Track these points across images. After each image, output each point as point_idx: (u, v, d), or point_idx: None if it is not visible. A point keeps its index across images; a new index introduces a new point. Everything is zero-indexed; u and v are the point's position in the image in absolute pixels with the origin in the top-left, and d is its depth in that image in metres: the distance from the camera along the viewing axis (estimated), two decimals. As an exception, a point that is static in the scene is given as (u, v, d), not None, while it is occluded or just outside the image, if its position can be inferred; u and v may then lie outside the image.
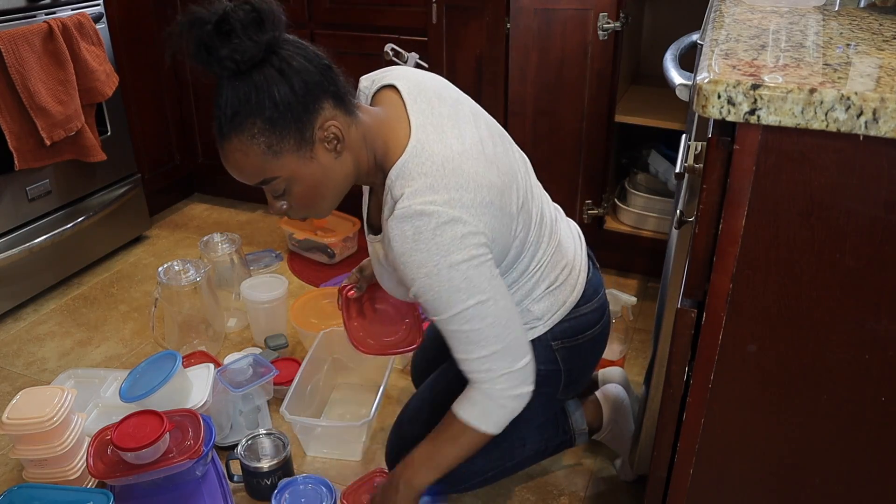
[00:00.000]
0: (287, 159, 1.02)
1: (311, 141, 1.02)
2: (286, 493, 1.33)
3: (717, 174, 0.77)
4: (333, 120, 1.03)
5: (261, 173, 1.04)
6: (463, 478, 1.43)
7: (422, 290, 1.06)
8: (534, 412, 1.38)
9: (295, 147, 1.01)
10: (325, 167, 1.05)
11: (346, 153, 1.07)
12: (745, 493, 0.91)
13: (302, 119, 1.00)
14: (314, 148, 1.03)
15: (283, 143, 1.00)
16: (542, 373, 1.31)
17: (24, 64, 1.91)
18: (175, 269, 1.85)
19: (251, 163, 1.02)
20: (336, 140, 1.04)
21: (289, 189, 1.07)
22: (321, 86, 1.01)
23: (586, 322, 1.32)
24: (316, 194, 1.08)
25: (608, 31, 1.92)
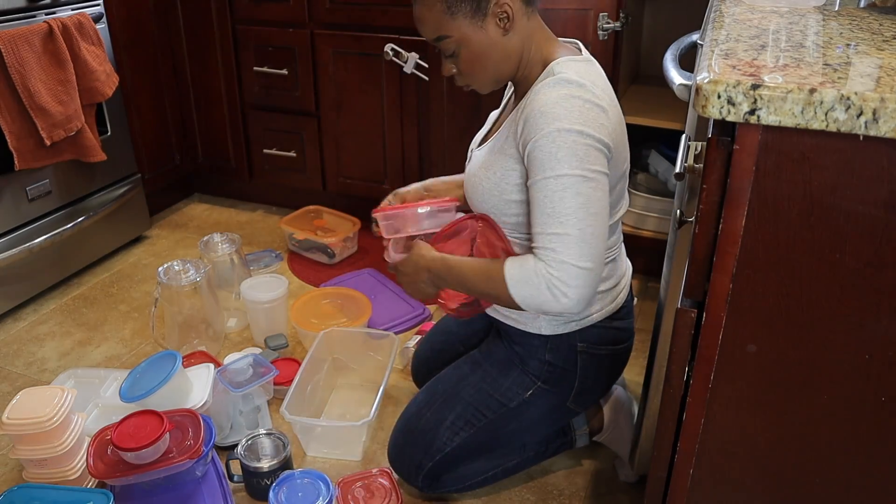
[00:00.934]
0: (461, 22, 1.16)
1: (484, 11, 1.16)
2: (284, 488, 1.34)
3: (717, 174, 0.77)
4: (509, 1, 1.16)
5: (438, 28, 1.18)
6: (464, 477, 1.43)
7: (543, 142, 1.11)
8: (542, 420, 1.39)
9: (470, 13, 1.16)
10: (493, 40, 1.18)
11: (513, 34, 1.19)
12: (745, 493, 0.91)
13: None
14: (486, 19, 1.16)
15: (460, 6, 1.15)
16: (559, 371, 1.33)
17: (24, 64, 1.91)
18: (175, 269, 1.85)
19: (433, 17, 1.17)
20: (507, 18, 1.17)
21: (458, 52, 1.20)
22: None
23: (614, 336, 1.35)
24: (479, 63, 1.20)
25: (608, 31, 1.92)
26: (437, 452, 1.37)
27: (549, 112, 1.11)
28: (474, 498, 1.49)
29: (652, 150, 2.24)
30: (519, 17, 1.18)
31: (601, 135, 1.12)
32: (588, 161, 1.11)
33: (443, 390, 1.40)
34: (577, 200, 1.10)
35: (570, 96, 1.11)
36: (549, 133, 1.10)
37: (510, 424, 1.37)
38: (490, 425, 1.36)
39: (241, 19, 2.42)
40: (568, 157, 1.10)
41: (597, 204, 1.12)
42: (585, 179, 1.10)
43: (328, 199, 2.63)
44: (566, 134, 1.10)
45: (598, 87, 1.15)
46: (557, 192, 1.11)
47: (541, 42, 1.22)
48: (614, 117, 1.16)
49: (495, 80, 1.24)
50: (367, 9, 2.21)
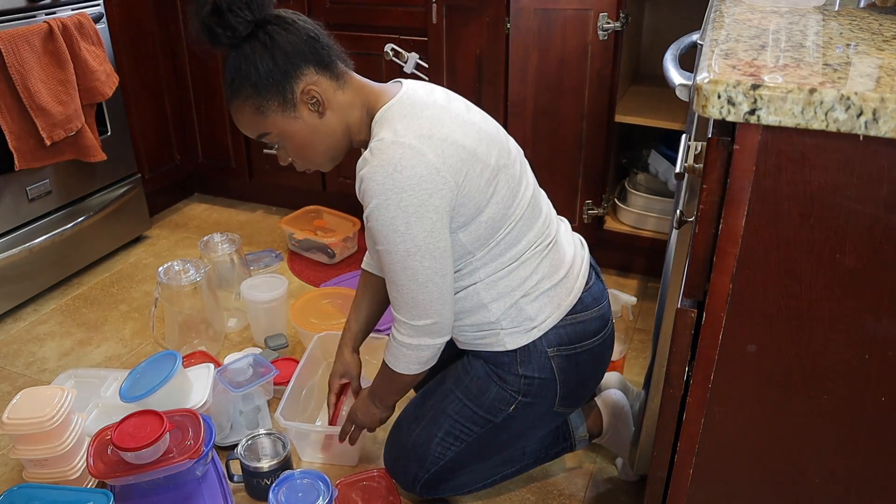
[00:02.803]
0: (274, 118, 1.18)
1: (293, 102, 1.17)
2: (283, 488, 1.33)
3: (717, 174, 0.77)
4: (314, 85, 1.17)
5: (256, 129, 1.21)
6: (463, 484, 1.43)
7: (369, 217, 1.15)
8: (533, 428, 1.38)
9: (280, 108, 1.17)
10: (310, 125, 1.19)
11: (329, 113, 1.20)
12: (745, 493, 0.91)
13: (282, 84, 1.15)
14: (297, 108, 1.18)
15: (268, 105, 1.17)
16: (537, 382, 1.30)
17: (24, 64, 1.91)
18: (175, 269, 1.85)
19: (247, 121, 1.20)
20: (317, 102, 1.18)
21: (282, 144, 1.22)
22: (302, 55, 1.15)
23: (584, 331, 1.31)
24: (307, 149, 1.22)
25: (608, 32, 1.92)
26: (431, 465, 1.37)
27: (367, 189, 1.12)
28: (474, 499, 1.49)
29: (652, 150, 2.24)
30: (330, 95, 1.18)
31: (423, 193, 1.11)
32: (408, 234, 1.13)
33: (430, 406, 1.38)
34: (405, 274, 1.17)
35: (382, 164, 1.11)
36: (371, 210, 1.14)
37: (500, 436, 1.36)
38: (480, 439, 1.35)
39: (241, 19, 2.41)
40: (390, 233, 1.14)
41: (424, 274, 1.16)
42: (408, 255, 1.15)
43: (328, 199, 2.63)
44: (384, 210, 1.12)
45: (413, 123, 1.14)
46: (388, 264, 1.18)
47: (363, 102, 1.22)
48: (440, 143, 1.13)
49: (331, 158, 1.26)
50: (367, 9, 2.21)
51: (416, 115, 1.16)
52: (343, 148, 1.25)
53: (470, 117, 1.22)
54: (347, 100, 1.20)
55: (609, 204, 2.21)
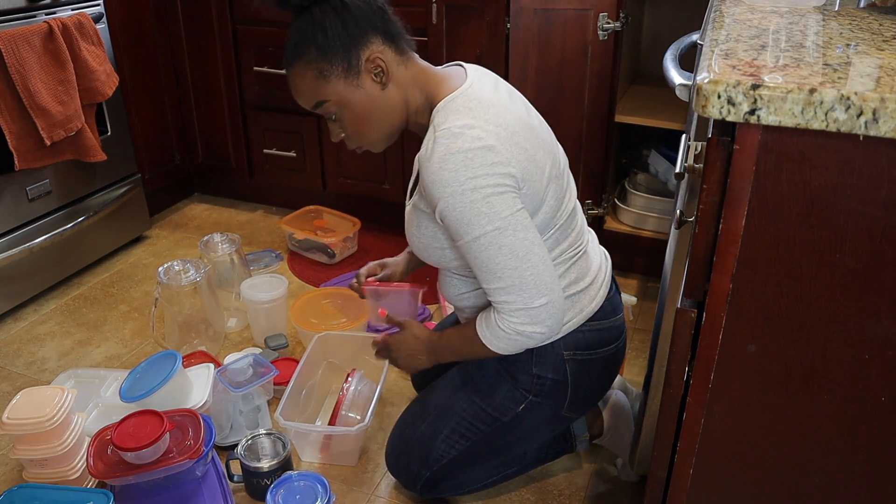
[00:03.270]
0: (336, 84, 1.15)
1: (357, 69, 1.15)
2: (281, 490, 1.33)
3: (717, 174, 0.77)
4: (380, 54, 1.15)
5: (315, 95, 1.18)
6: (464, 484, 1.43)
7: (445, 210, 1.12)
8: (538, 430, 1.38)
9: (343, 73, 1.15)
10: (371, 96, 1.17)
11: (392, 86, 1.18)
12: (745, 493, 0.91)
13: (350, 49, 1.14)
14: (360, 77, 1.16)
15: (332, 69, 1.14)
16: (549, 383, 1.30)
17: (24, 64, 1.91)
18: (175, 269, 1.85)
19: (307, 86, 1.17)
20: (381, 72, 1.16)
21: (339, 115, 1.20)
22: (371, 23, 1.15)
23: (601, 338, 1.32)
24: (364, 122, 1.20)
25: (608, 32, 1.92)
26: (434, 463, 1.37)
27: (438, 180, 1.10)
28: (474, 499, 1.49)
29: (652, 150, 2.24)
30: (394, 67, 1.17)
31: (496, 177, 1.10)
32: (493, 213, 1.10)
33: (436, 403, 1.38)
34: (503, 253, 1.12)
35: (450, 154, 1.09)
36: (446, 201, 1.11)
37: (506, 436, 1.36)
38: (486, 438, 1.35)
39: (241, 19, 2.42)
40: (473, 217, 1.11)
41: (522, 246, 1.13)
42: (500, 231, 1.11)
43: (328, 199, 2.63)
44: (461, 196, 1.10)
45: (480, 118, 1.12)
46: (481, 252, 1.13)
47: (423, 86, 1.21)
48: (507, 140, 1.12)
49: (386, 135, 1.23)
50: (367, 9, 2.21)
51: (482, 110, 1.14)
52: (399, 126, 1.23)
53: (530, 122, 1.21)
54: (409, 77, 1.19)
55: (609, 204, 2.21)
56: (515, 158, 1.12)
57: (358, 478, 1.54)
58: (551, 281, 1.16)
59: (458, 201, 1.10)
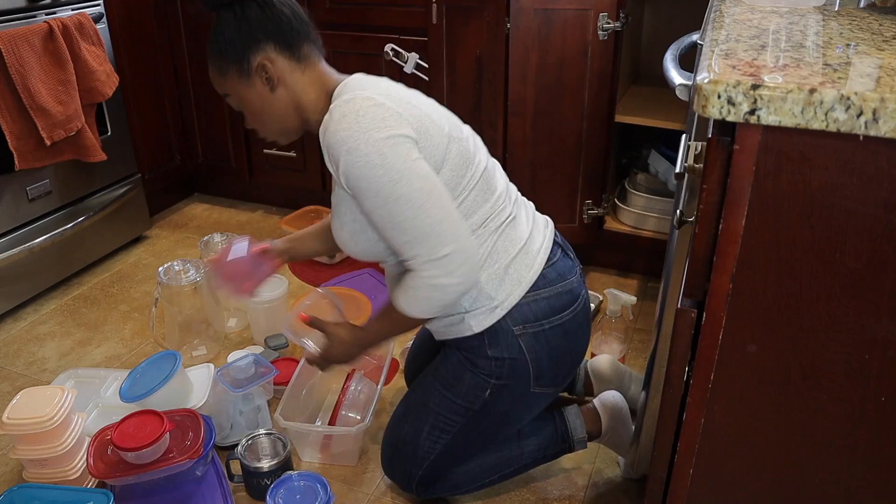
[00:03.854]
0: (232, 82, 1.26)
1: (248, 72, 1.24)
2: (281, 490, 1.34)
3: (717, 174, 0.77)
4: (269, 61, 1.23)
5: (221, 87, 1.29)
6: (461, 483, 1.43)
7: (346, 172, 1.16)
8: (514, 411, 1.38)
9: (237, 74, 1.25)
10: (262, 97, 1.26)
11: (281, 90, 1.26)
12: (745, 493, 0.91)
13: (241, 53, 1.23)
14: (251, 79, 1.25)
15: (228, 68, 1.25)
16: (507, 363, 1.30)
17: (25, 64, 1.91)
18: (175, 269, 1.85)
19: (214, 78, 1.29)
20: (269, 77, 1.24)
21: (240, 107, 1.30)
22: (265, 31, 1.23)
23: (549, 307, 1.30)
24: (259, 117, 1.29)
25: (608, 31, 1.92)
26: (423, 461, 1.38)
27: (334, 141, 1.15)
28: (474, 499, 1.49)
29: (652, 150, 2.24)
30: (286, 74, 1.24)
31: (387, 129, 1.14)
32: (386, 164, 1.13)
33: (415, 401, 1.40)
34: (399, 204, 1.14)
35: (343, 116, 1.15)
36: (345, 160, 1.14)
37: (483, 423, 1.36)
38: (464, 429, 1.36)
39: (241, 19, 2.42)
40: (369, 171, 1.13)
41: (418, 196, 1.14)
42: (394, 183, 1.14)
43: (328, 199, 2.62)
44: (356, 152, 1.13)
45: (370, 88, 1.20)
46: (381, 208, 1.16)
47: (323, 87, 1.28)
48: (398, 100, 1.19)
49: (281, 131, 1.31)
50: (367, 9, 2.21)
51: (372, 84, 1.23)
52: (293, 125, 1.30)
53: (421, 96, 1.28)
54: (306, 82, 1.26)
55: (609, 204, 2.21)
56: (408, 113, 1.18)
57: (358, 478, 1.54)
58: (454, 229, 1.17)
59: (355, 157, 1.13)
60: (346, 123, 1.14)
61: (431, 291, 1.18)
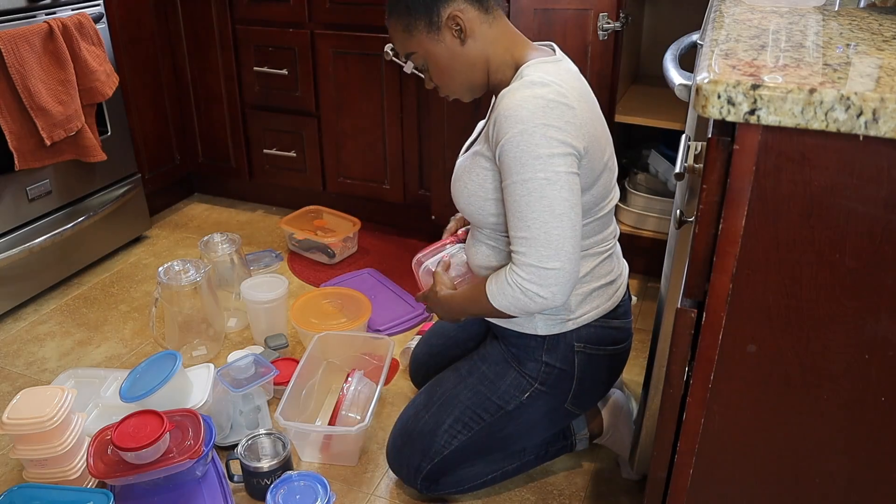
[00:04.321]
0: (420, 38, 1.25)
1: (438, 26, 1.23)
2: (281, 490, 1.34)
3: (717, 174, 0.77)
4: (460, 12, 1.22)
5: (405, 47, 1.28)
6: (464, 480, 1.43)
7: (508, 146, 1.15)
8: (540, 423, 1.38)
9: (425, 29, 1.24)
10: (452, 51, 1.25)
11: (471, 42, 1.24)
12: (745, 493, 0.91)
13: (431, 7, 1.23)
14: (441, 32, 1.24)
15: (416, 25, 1.24)
16: (556, 372, 1.32)
17: (25, 64, 1.91)
18: (175, 269, 1.85)
19: (398, 38, 1.28)
20: (460, 29, 1.23)
21: (426, 65, 1.29)
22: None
23: (611, 336, 1.35)
24: (446, 74, 1.28)
25: (608, 31, 1.92)
26: (435, 455, 1.37)
27: (513, 115, 1.14)
28: (474, 498, 1.49)
29: (652, 150, 2.24)
30: (476, 25, 1.23)
31: (566, 135, 1.14)
32: (550, 163, 1.13)
33: (441, 393, 1.40)
34: (542, 203, 1.14)
35: (534, 97, 1.14)
36: (513, 136, 1.14)
37: (508, 427, 1.37)
38: (488, 428, 1.36)
39: (241, 19, 2.42)
40: (530, 160, 1.13)
41: (561, 205, 1.14)
42: (549, 182, 1.13)
43: (328, 199, 2.63)
44: (529, 136, 1.13)
45: (567, 85, 1.18)
46: (524, 196, 1.15)
47: (509, 45, 1.26)
48: (584, 113, 1.18)
49: (468, 88, 1.30)
50: (367, 9, 2.21)
51: (570, 79, 1.21)
52: (480, 80, 1.28)
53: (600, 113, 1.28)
54: (493, 35, 1.25)
55: (609, 204, 2.21)
56: (586, 128, 1.17)
57: (358, 478, 1.54)
58: (572, 250, 1.16)
59: (524, 140, 1.13)
60: (531, 105, 1.13)
61: (520, 293, 1.18)
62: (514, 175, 1.15)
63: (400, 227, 2.58)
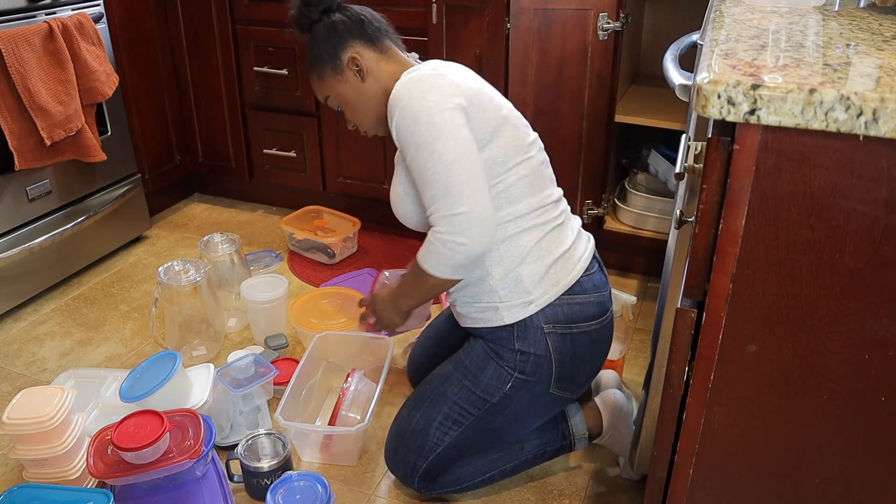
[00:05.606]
0: (330, 82, 1.42)
1: (341, 69, 1.40)
2: (281, 490, 1.34)
3: (717, 174, 0.77)
4: (358, 55, 1.38)
5: (322, 92, 1.46)
6: (462, 478, 1.43)
7: (398, 127, 1.26)
8: (528, 411, 1.39)
9: (332, 73, 1.41)
10: (356, 88, 1.40)
11: (370, 79, 1.39)
12: (745, 493, 0.92)
13: (334, 55, 1.40)
14: (344, 73, 1.40)
15: (325, 71, 1.42)
16: (532, 359, 1.32)
17: (25, 64, 1.91)
18: (175, 269, 1.85)
19: (316, 86, 1.46)
20: (360, 69, 1.38)
21: (340, 105, 1.45)
22: (351, 32, 1.40)
23: (581, 312, 1.34)
24: (355, 110, 1.43)
25: (608, 32, 1.92)
26: (429, 453, 1.38)
27: (394, 101, 1.27)
28: (474, 498, 1.49)
29: (652, 150, 2.24)
30: (372, 64, 1.39)
31: (442, 94, 1.25)
32: (431, 122, 1.23)
33: (430, 391, 1.42)
34: (433, 159, 1.22)
35: (408, 81, 1.28)
36: (399, 117, 1.26)
37: (497, 419, 1.37)
38: (477, 422, 1.37)
39: (241, 19, 2.42)
40: (416, 126, 1.24)
41: (450, 153, 1.22)
42: (434, 138, 1.22)
43: (328, 199, 2.63)
44: (410, 109, 1.24)
45: (436, 65, 1.33)
46: (418, 160, 1.24)
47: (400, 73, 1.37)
48: (459, 77, 1.30)
49: (376, 120, 1.42)
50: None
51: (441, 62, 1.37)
52: (385, 112, 1.37)
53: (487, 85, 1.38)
54: (389, 70, 1.39)
55: (609, 204, 2.21)
56: (466, 85, 1.29)
57: (358, 478, 1.54)
58: (473, 191, 1.22)
59: (407, 114, 1.24)
60: (407, 85, 1.27)
61: (442, 247, 1.24)
62: (409, 148, 1.26)
63: (400, 227, 2.57)
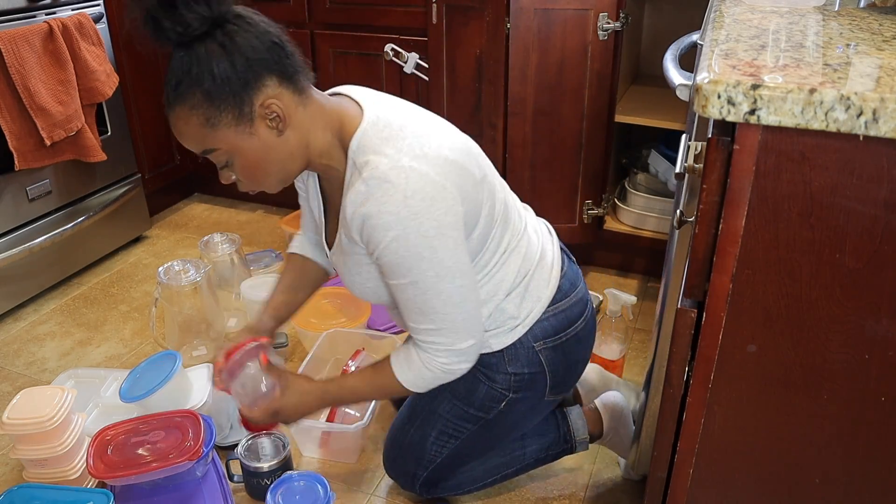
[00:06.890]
0: (225, 132, 1.03)
1: (250, 117, 1.02)
2: (281, 490, 1.33)
3: (717, 174, 0.77)
4: (276, 98, 1.03)
5: (202, 143, 1.05)
6: (464, 483, 1.43)
7: (385, 254, 1.06)
8: (525, 418, 1.38)
9: (234, 121, 1.02)
10: (267, 144, 1.05)
11: (289, 132, 1.06)
12: (745, 493, 0.91)
13: (241, 95, 1.01)
14: (254, 124, 1.03)
15: (221, 117, 1.01)
16: (526, 377, 1.29)
17: (25, 64, 1.91)
18: (175, 269, 1.85)
19: (192, 132, 1.04)
20: (278, 117, 1.04)
21: (231, 161, 1.07)
22: (265, 63, 1.01)
23: (567, 318, 1.30)
24: (258, 169, 1.08)
25: (608, 32, 1.92)
26: (429, 463, 1.37)
27: (379, 225, 1.03)
28: (474, 498, 1.49)
29: (652, 150, 2.24)
30: (292, 111, 1.05)
31: (438, 214, 1.04)
32: (436, 259, 1.06)
33: (421, 407, 1.37)
34: (440, 299, 1.10)
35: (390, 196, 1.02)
36: (388, 245, 1.04)
37: (494, 430, 1.36)
38: (474, 435, 1.35)
39: (241, 19, 2.41)
40: (414, 263, 1.06)
41: (459, 293, 1.11)
42: (439, 279, 1.08)
43: (328, 199, 2.63)
44: (404, 240, 1.04)
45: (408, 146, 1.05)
46: (418, 296, 1.10)
47: (326, 124, 1.10)
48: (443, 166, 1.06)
49: (281, 180, 1.12)
50: (366, 9, 2.21)
51: (399, 136, 1.07)
52: (298, 170, 1.12)
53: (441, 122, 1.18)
54: (309, 117, 1.08)
55: (609, 204, 2.21)
56: (449, 178, 1.06)
57: (358, 477, 1.54)
58: (479, 322, 1.17)
59: (401, 245, 1.04)
60: (392, 206, 1.01)
61: (445, 376, 1.18)
62: (401, 278, 1.08)
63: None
